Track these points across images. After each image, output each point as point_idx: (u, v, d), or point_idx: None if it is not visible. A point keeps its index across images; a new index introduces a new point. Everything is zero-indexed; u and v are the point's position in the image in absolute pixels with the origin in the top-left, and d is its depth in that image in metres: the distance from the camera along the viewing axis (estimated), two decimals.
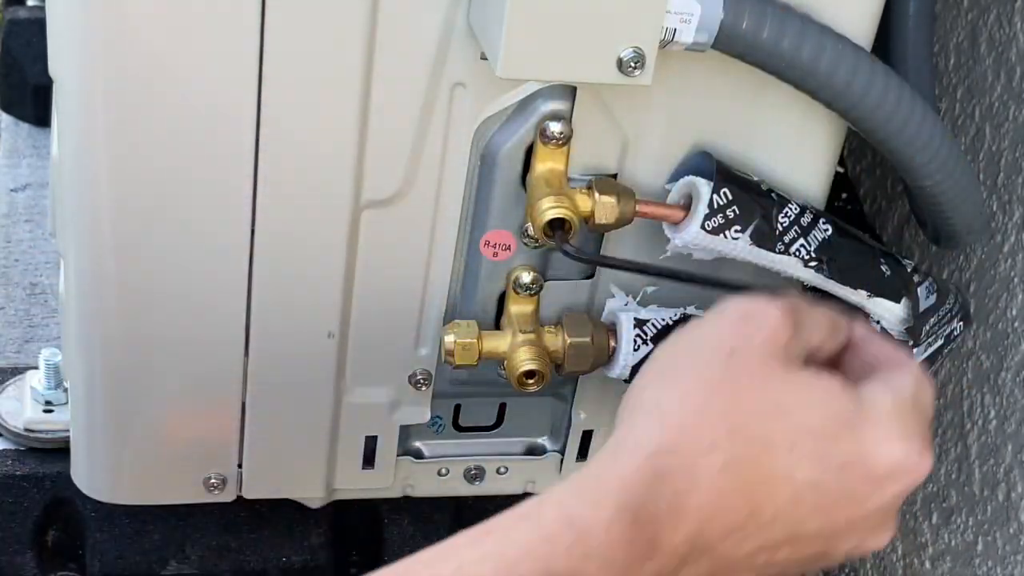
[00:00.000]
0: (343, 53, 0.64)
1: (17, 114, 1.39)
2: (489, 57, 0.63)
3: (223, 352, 0.74)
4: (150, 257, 0.69)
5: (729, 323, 0.58)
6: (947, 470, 0.99)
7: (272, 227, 0.69)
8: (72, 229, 0.70)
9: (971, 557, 0.96)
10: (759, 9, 0.64)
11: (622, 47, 0.61)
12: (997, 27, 0.90)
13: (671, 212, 0.70)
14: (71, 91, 0.66)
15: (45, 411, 0.87)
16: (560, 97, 0.68)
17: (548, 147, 0.69)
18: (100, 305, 0.71)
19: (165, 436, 0.76)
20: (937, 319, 0.77)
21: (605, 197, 0.69)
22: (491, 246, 0.73)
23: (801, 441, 0.56)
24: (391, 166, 0.69)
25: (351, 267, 0.72)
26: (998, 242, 0.91)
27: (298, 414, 0.77)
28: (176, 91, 0.64)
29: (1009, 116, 0.90)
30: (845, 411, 0.57)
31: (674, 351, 0.59)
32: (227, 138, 0.66)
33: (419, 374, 0.77)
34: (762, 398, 0.56)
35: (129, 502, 0.81)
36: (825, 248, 0.72)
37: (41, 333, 1.10)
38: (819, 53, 0.66)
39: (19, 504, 0.85)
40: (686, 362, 0.58)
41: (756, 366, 0.57)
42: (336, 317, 0.74)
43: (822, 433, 0.56)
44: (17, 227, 1.23)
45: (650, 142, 0.72)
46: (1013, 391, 0.91)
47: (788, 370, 0.57)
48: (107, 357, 0.73)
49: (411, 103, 0.67)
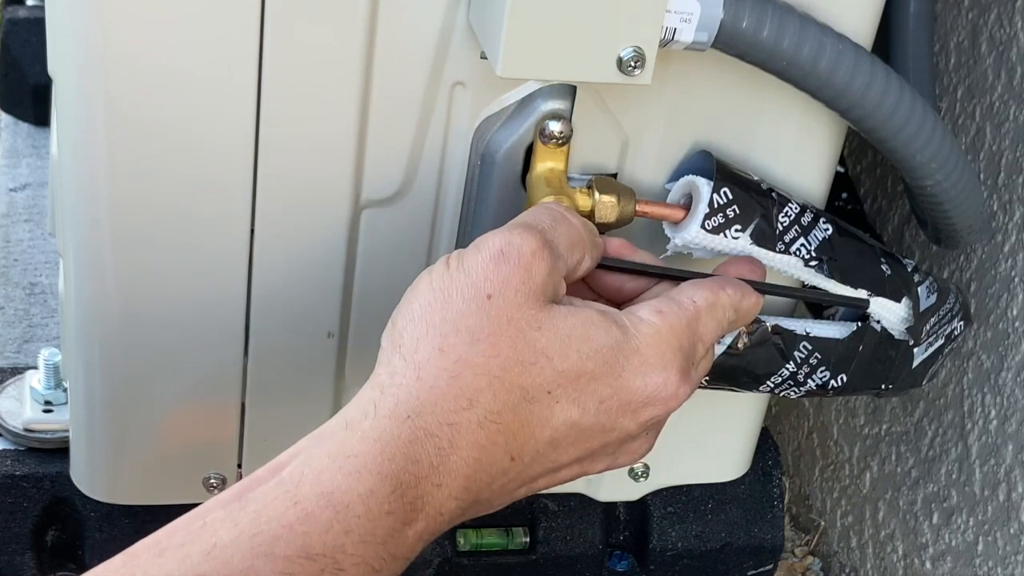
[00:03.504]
0: (343, 52, 0.64)
1: (17, 114, 1.39)
2: (489, 56, 0.63)
3: (223, 352, 0.74)
4: (150, 257, 0.69)
5: (484, 264, 0.57)
6: (948, 470, 0.99)
7: (272, 227, 0.69)
8: (72, 229, 0.70)
9: (972, 557, 0.96)
10: (759, 8, 0.64)
11: (622, 46, 0.61)
12: (997, 27, 0.90)
13: (671, 211, 0.70)
14: (70, 91, 0.66)
15: (44, 411, 0.87)
16: (560, 96, 0.68)
17: (548, 147, 0.69)
18: (100, 305, 0.71)
19: (165, 436, 0.76)
20: (938, 319, 0.77)
21: (605, 196, 0.69)
22: None
23: (560, 385, 0.56)
24: (391, 166, 0.69)
25: (351, 267, 0.72)
26: (998, 242, 0.91)
27: (298, 414, 0.77)
28: (176, 91, 0.64)
29: (1010, 116, 0.90)
30: (603, 347, 0.57)
31: (432, 291, 0.57)
32: (227, 138, 0.66)
33: None
34: (520, 345, 0.56)
35: (129, 502, 0.81)
36: (825, 248, 0.72)
37: (41, 333, 1.10)
38: (819, 52, 0.66)
39: (19, 504, 0.84)
40: (445, 306, 0.56)
41: (514, 310, 0.56)
42: (336, 317, 0.74)
43: (580, 373, 0.57)
44: (16, 227, 1.23)
45: (650, 142, 0.72)
46: (1014, 391, 0.91)
47: (546, 312, 0.57)
48: (107, 357, 0.73)
49: (411, 103, 0.67)
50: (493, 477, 0.56)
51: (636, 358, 0.58)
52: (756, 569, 0.97)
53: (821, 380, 0.74)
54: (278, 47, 0.64)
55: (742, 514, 0.94)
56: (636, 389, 0.58)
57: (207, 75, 0.64)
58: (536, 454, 0.57)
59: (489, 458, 0.55)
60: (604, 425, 0.58)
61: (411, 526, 0.54)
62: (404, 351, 0.56)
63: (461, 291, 0.57)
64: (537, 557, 0.91)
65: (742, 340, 0.71)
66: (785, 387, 0.74)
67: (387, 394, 0.55)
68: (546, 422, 0.57)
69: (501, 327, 0.56)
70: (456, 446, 0.54)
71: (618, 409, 0.58)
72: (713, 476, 0.90)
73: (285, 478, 0.53)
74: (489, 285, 0.56)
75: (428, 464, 0.54)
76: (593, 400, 0.57)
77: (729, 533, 0.94)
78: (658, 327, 0.59)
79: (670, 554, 0.93)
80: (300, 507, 0.52)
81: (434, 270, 0.58)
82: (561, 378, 0.57)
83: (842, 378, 0.74)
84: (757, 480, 0.94)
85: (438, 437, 0.54)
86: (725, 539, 0.94)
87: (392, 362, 0.56)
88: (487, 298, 0.56)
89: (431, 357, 0.55)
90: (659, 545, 0.92)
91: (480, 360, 0.55)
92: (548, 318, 0.57)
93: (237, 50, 0.63)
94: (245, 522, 0.51)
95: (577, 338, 0.57)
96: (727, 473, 0.90)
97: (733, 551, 0.94)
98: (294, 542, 0.51)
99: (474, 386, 0.55)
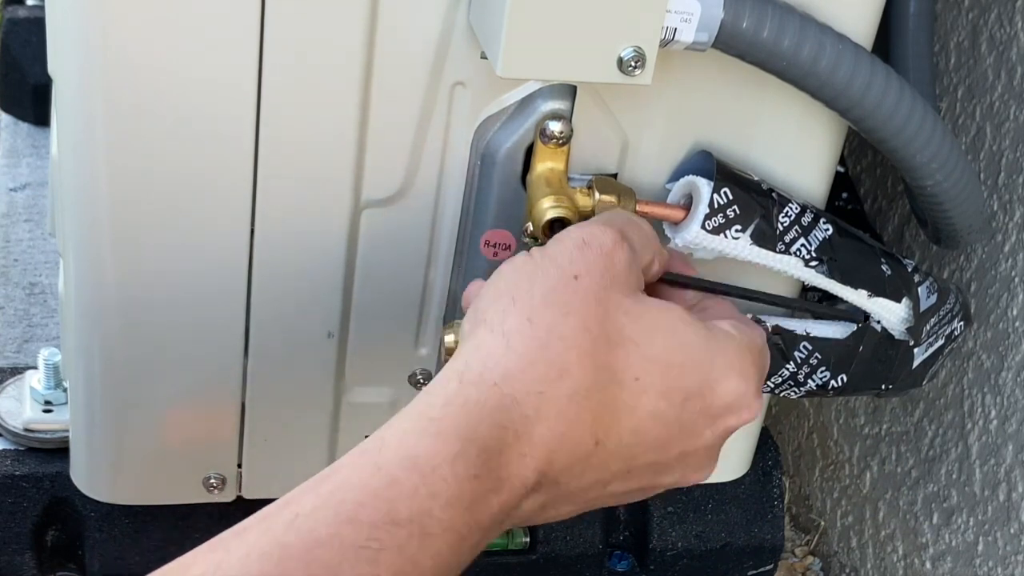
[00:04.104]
0: (343, 53, 0.64)
1: (17, 114, 1.39)
2: (489, 56, 0.63)
3: (223, 352, 0.74)
4: (150, 257, 0.69)
5: (569, 250, 0.57)
6: (948, 470, 0.99)
7: (272, 227, 0.69)
8: (71, 229, 0.70)
9: (972, 557, 0.96)
10: (759, 8, 0.64)
11: (622, 46, 0.61)
12: (998, 26, 0.90)
13: (671, 212, 0.70)
14: (70, 90, 0.66)
15: (44, 411, 0.87)
16: (560, 97, 0.68)
17: (548, 147, 0.68)
18: (100, 305, 0.71)
19: (165, 436, 0.76)
20: (938, 319, 0.77)
21: (605, 197, 0.69)
22: (491, 246, 0.73)
23: (647, 372, 0.55)
24: (391, 166, 0.69)
25: (351, 267, 0.72)
26: (999, 242, 0.91)
27: (298, 414, 0.77)
28: (176, 90, 0.64)
29: (1010, 116, 0.90)
30: (690, 342, 0.57)
31: (517, 272, 0.57)
32: (227, 137, 0.66)
33: (419, 374, 0.77)
34: (609, 326, 0.55)
35: (128, 502, 0.81)
36: (826, 248, 0.72)
37: (40, 333, 1.10)
38: (819, 52, 0.66)
39: (18, 504, 0.84)
40: (532, 282, 0.56)
41: (602, 292, 0.55)
42: (336, 317, 0.74)
43: (668, 364, 0.56)
44: (16, 227, 1.23)
45: (650, 142, 0.72)
46: (1014, 391, 0.91)
47: (633, 299, 0.56)
48: (106, 357, 0.73)
49: (411, 103, 0.67)
50: (576, 459, 0.54)
51: (722, 359, 0.57)
52: (756, 569, 0.97)
53: (821, 380, 0.74)
54: (278, 47, 0.64)
55: (742, 514, 0.94)
56: (719, 392, 0.57)
57: (207, 75, 0.64)
58: (619, 443, 0.55)
59: (575, 435, 0.54)
60: (684, 425, 0.57)
61: (496, 494, 0.52)
62: (490, 323, 0.55)
63: (547, 271, 0.56)
64: (537, 557, 0.91)
65: None
66: (785, 387, 0.74)
67: (472, 363, 0.54)
68: (632, 410, 0.55)
69: (590, 305, 0.55)
70: (543, 416, 0.53)
71: (701, 411, 0.57)
72: (713, 476, 0.90)
73: (367, 447, 0.52)
74: (575, 267, 0.56)
75: (513, 432, 0.52)
76: (679, 394, 0.56)
77: (729, 533, 0.94)
78: (739, 340, 0.59)
79: (670, 554, 0.93)
80: (384, 472, 0.51)
81: (516, 259, 0.58)
82: (650, 365, 0.55)
83: (842, 378, 0.74)
84: (757, 480, 0.94)
85: (525, 405, 0.53)
86: (725, 539, 0.94)
87: (477, 334, 0.55)
88: (574, 278, 0.55)
89: (520, 326, 0.54)
90: (659, 545, 0.92)
91: (570, 333, 0.54)
92: (635, 305, 0.56)
93: (237, 50, 0.63)
94: (327, 491, 0.50)
95: (664, 330, 0.56)
96: (727, 473, 0.90)
97: (733, 551, 0.94)
98: (380, 508, 0.50)
99: (565, 358, 0.54)
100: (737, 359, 0.58)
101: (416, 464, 0.51)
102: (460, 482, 0.51)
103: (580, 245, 0.57)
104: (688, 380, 0.56)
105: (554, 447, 0.53)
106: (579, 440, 0.54)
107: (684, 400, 0.56)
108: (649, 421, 0.56)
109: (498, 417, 0.52)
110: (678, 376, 0.56)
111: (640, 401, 0.55)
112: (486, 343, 0.55)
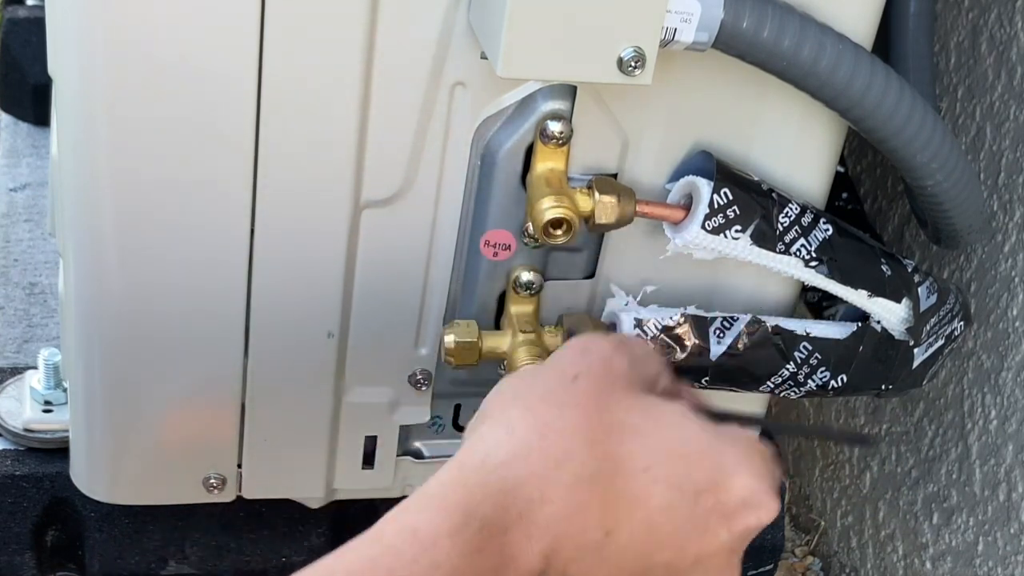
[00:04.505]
0: (343, 53, 0.64)
1: (17, 114, 1.39)
2: (489, 56, 0.63)
3: (223, 352, 0.74)
4: (150, 257, 0.69)
5: (569, 355, 0.57)
6: (948, 470, 0.99)
7: (272, 227, 0.69)
8: (72, 229, 0.70)
9: (972, 557, 0.96)
10: (759, 9, 0.64)
11: (622, 46, 0.61)
12: (998, 26, 0.90)
13: (671, 212, 0.70)
14: (70, 90, 0.66)
15: (44, 411, 0.87)
16: (560, 97, 0.68)
17: (548, 147, 0.68)
18: (100, 305, 0.71)
19: (165, 436, 0.76)
20: (938, 319, 0.77)
21: (605, 197, 0.69)
22: (491, 246, 0.73)
23: (657, 462, 0.54)
24: (391, 166, 0.69)
25: (351, 267, 0.72)
26: (999, 242, 0.91)
27: (298, 414, 0.77)
28: (176, 90, 0.64)
29: (1010, 116, 0.90)
30: (700, 436, 0.55)
31: (519, 377, 0.58)
32: (227, 138, 0.66)
33: (419, 374, 0.77)
34: (609, 418, 0.54)
35: (128, 502, 0.81)
36: (826, 248, 0.72)
37: (40, 333, 1.10)
38: (819, 53, 0.66)
39: (18, 504, 0.84)
40: (532, 383, 0.56)
41: (603, 388, 0.55)
42: (336, 317, 0.74)
43: (678, 455, 0.54)
44: (16, 227, 1.23)
45: (650, 142, 0.71)
46: (1014, 391, 0.91)
47: (635, 396, 0.56)
48: (107, 357, 0.73)
49: (411, 103, 0.67)
50: (585, 550, 0.53)
51: (732, 454, 0.55)
52: (756, 569, 0.97)
53: (821, 380, 0.74)
54: (278, 47, 0.64)
55: None
56: (732, 488, 0.55)
57: (207, 76, 0.64)
58: (631, 537, 0.53)
59: (581, 521, 0.52)
60: (698, 523, 0.55)
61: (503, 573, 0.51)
62: (492, 418, 0.55)
63: (547, 374, 0.56)
64: None
65: (742, 340, 0.71)
66: (785, 387, 0.74)
67: (475, 452, 0.54)
68: (643, 501, 0.54)
69: (589, 400, 0.55)
70: (548, 499, 0.52)
71: (714, 507, 0.55)
72: None
73: (372, 529, 0.51)
74: (574, 368, 0.56)
75: (517, 512, 0.52)
76: (690, 487, 0.54)
77: None
78: (748, 438, 0.57)
79: None
80: (383, 542, 0.50)
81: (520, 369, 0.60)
82: (657, 455, 0.54)
83: (842, 378, 0.74)
84: None
85: (528, 487, 0.52)
86: None
87: (479, 429, 0.55)
88: (573, 378, 0.55)
89: (521, 416, 0.54)
90: None
91: (570, 425, 0.54)
92: (637, 400, 0.56)
93: (237, 50, 0.63)
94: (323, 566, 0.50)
95: (669, 423, 0.55)
96: None
97: None
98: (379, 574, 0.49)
99: (565, 445, 0.53)
100: (747, 456, 0.56)
101: (416, 536, 0.50)
102: (463, 556, 0.50)
103: (580, 350, 0.57)
104: (698, 473, 0.55)
105: (559, 532, 0.52)
106: (586, 527, 0.53)
107: (696, 494, 0.54)
108: (661, 515, 0.54)
109: (501, 499, 0.52)
110: (687, 467, 0.54)
111: (650, 492, 0.54)
112: (488, 434, 0.54)
